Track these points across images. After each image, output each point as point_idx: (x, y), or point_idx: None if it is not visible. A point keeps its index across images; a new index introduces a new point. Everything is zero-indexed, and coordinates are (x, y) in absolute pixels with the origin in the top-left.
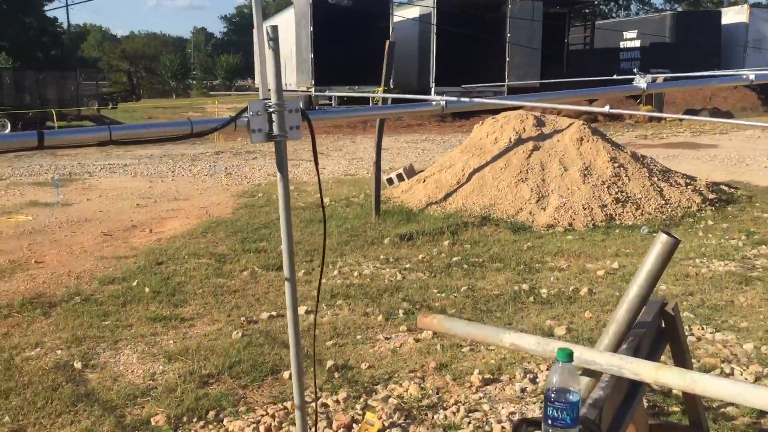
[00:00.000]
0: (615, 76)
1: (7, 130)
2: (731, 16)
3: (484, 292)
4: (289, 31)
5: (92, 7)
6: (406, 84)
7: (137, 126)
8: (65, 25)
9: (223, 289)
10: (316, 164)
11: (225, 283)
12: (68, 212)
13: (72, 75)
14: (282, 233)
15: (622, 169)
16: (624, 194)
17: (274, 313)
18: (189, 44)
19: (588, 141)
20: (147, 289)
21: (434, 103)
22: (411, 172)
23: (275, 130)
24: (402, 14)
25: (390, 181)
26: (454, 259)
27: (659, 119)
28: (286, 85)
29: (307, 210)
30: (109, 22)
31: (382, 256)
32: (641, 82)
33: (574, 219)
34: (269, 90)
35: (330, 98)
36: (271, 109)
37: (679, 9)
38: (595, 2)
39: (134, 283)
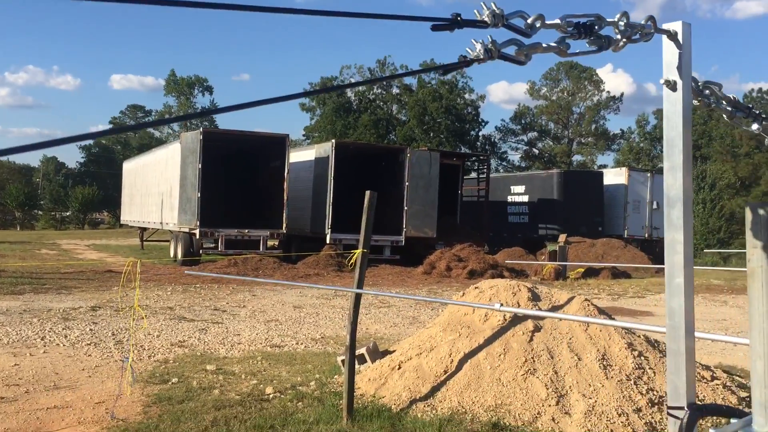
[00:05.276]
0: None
1: None
2: (611, 177)
3: None
4: (170, 166)
5: None
6: (299, 229)
7: None
8: None
9: None
10: None
11: None
12: None
13: None
14: None
15: (643, 358)
16: (656, 394)
17: None
18: (37, 173)
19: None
20: None
21: None
22: (375, 352)
23: None
24: (298, 155)
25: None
26: None
27: (564, 277)
28: (163, 224)
29: (250, 407)
30: None
31: None
32: None
33: (612, 431)
34: None
35: (215, 242)
36: None
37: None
38: (489, 155)
39: None
